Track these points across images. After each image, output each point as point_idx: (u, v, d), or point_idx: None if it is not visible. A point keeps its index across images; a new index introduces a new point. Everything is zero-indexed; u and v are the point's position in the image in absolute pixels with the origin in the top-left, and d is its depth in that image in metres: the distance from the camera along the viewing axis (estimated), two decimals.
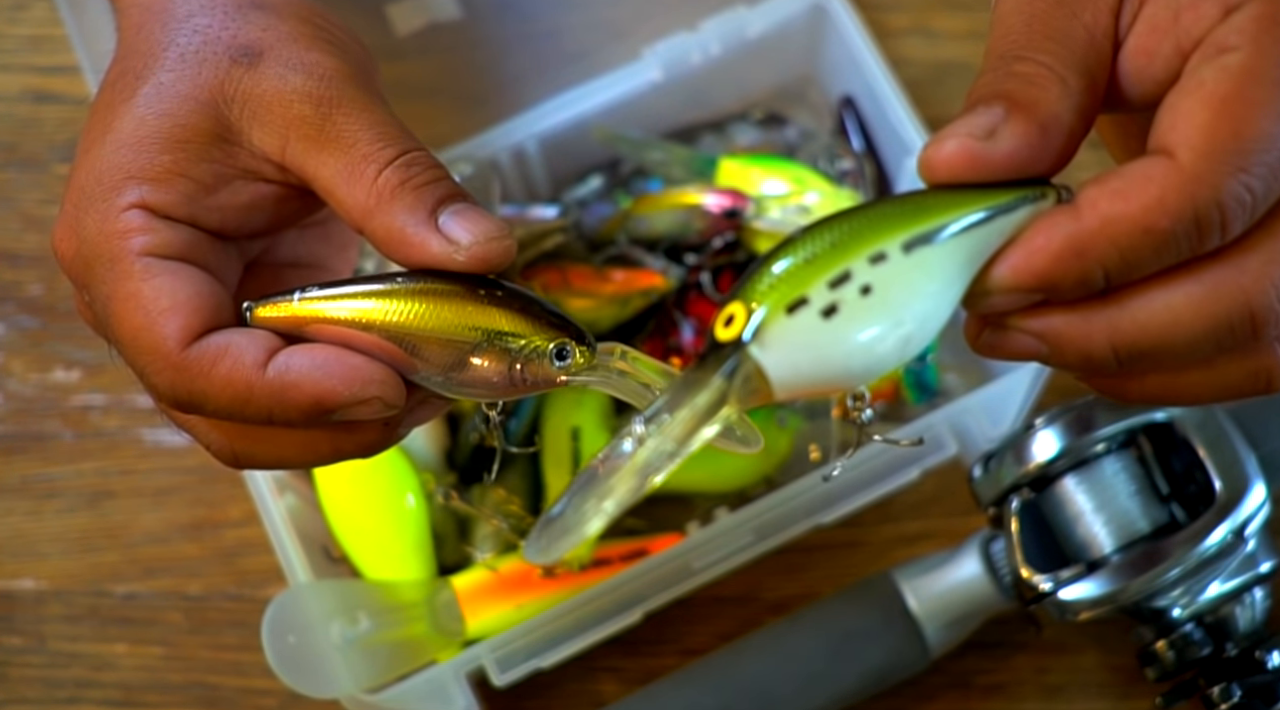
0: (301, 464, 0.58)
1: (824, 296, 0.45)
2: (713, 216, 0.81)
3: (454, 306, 0.54)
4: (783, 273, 0.45)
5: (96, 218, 0.55)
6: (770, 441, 0.81)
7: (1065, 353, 0.48)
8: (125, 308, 0.54)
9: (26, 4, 0.95)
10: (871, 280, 0.45)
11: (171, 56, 0.57)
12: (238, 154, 0.56)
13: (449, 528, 0.80)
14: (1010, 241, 0.47)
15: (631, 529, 0.82)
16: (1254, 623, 0.72)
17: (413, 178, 0.55)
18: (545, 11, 0.93)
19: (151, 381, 0.54)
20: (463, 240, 0.54)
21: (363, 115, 0.56)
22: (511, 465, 0.81)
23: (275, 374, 0.53)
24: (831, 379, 0.45)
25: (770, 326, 0.45)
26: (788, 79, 0.91)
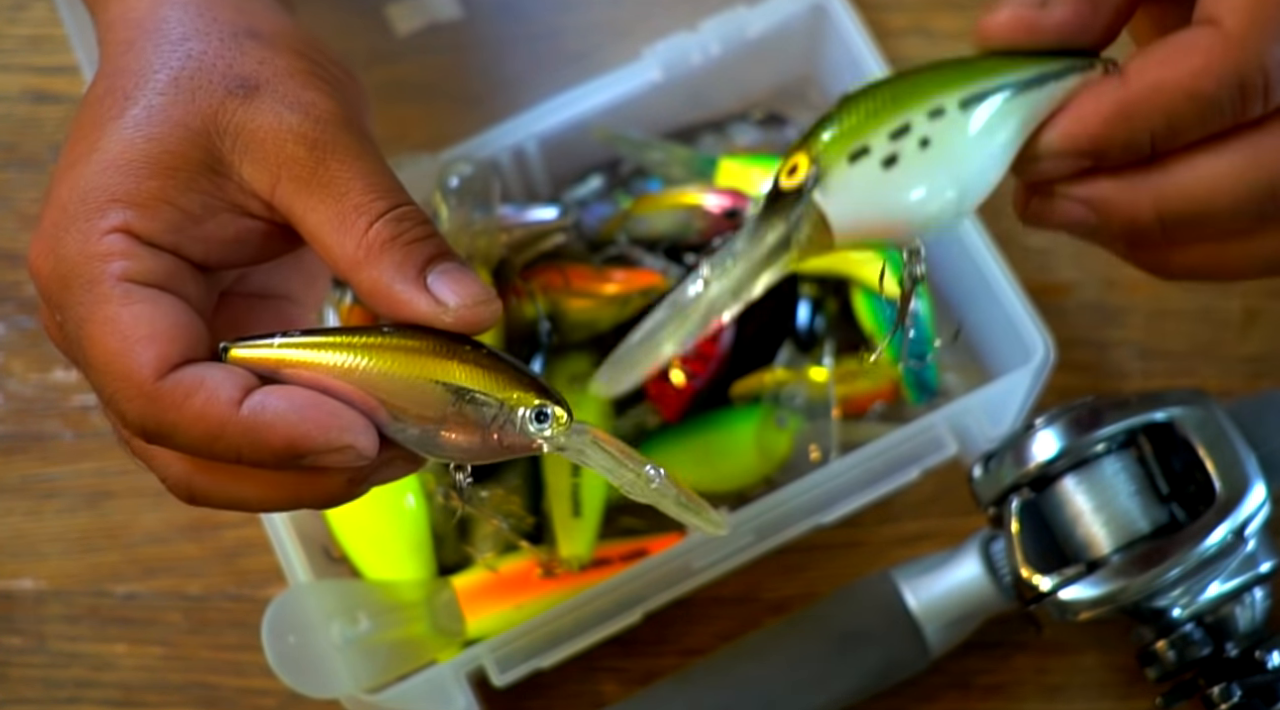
0: (258, 508, 0.57)
1: (885, 147, 0.47)
2: (713, 216, 0.81)
3: (436, 363, 0.54)
4: (845, 124, 0.47)
5: (77, 238, 0.54)
6: (770, 441, 0.81)
7: (1112, 220, 0.49)
8: (101, 331, 0.53)
9: (26, 4, 0.95)
10: (930, 133, 0.47)
11: (163, 79, 0.56)
12: (226, 187, 0.56)
13: (449, 528, 0.80)
14: (1060, 108, 0.48)
15: (631, 529, 0.82)
16: (1254, 623, 0.72)
17: (403, 234, 0.55)
18: (545, 11, 0.93)
19: (121, 408, 0.53)
20: (450, 302, 0.54)
21: (356, 163, 0.55)
22: (511, 465, 0.81)
23: (250, 413, 0.53)
24: (887, 227, 0.47)
25: (833, 174, 0.47)
26: (788, 79, 0.91)
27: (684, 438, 0.82)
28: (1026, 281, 0.81)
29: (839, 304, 0.84)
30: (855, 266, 0.81)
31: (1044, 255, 0.88)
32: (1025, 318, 0.79)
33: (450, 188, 0.80)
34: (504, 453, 0.55)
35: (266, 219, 0.56)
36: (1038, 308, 0.79)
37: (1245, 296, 0.87)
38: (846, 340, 0.84)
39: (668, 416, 0.82)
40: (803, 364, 0.82)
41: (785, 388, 0.82)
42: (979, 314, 0.84)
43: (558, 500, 0.79)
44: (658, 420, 0.82)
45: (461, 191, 0.81)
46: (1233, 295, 0.87)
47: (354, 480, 0.55)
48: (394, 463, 0.56)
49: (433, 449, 0.55)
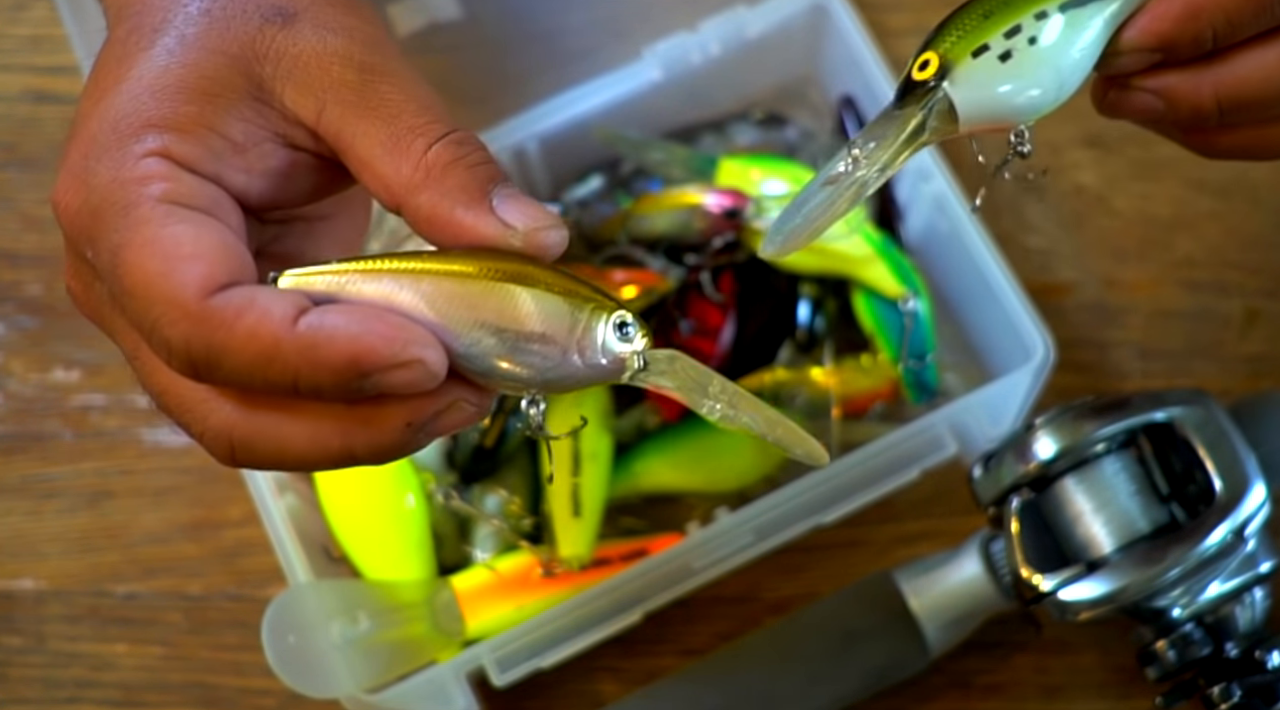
0: (304, 461, 0.51)
1: (1001, 44, 0.55)
2: (713, 216, 0.81)
3: (510, 275, 0.50)
4: (967, 24, 0.55)
5: (110, 164, 0.50)
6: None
7: (1178, 105, 0.56)
8: (140, 255, 0.49)
9: (26, 4, 0.95)
10: (1036, 32, 0.55)
11: (194, 11, 0.53)
12: (269, 114, 0.53)
13: (449, 528, 0.80)
14: (1137, 11, 0.56)
15: (631, 529, 0.82)
16: (1254, 623, 0.72)
17: (465, 156, 0.52)
18: (545, 11, 0.93)
19: (164, 335, 0.49)
20: (518, 225, 0.51)
21: (407, 86, 0.53)
22: (511, 465, 0.81)
23: (307, 328, 0.48)
24: (1005, 114, 0.55)
25: (959, 67, 0.54)
26: (788, 79, 0.91)
27: (684, 437, 0.82)
28: (1026, 281, 0.81)
29: (839, 304, 0.84)
30: (855, 266, 0.81)
31: (1044, 255, 0.88)
32: (1025, 318, 0.79)
33: None
34: (586, 376, 0.51)
35: (312, 151, 0.54)
36: (1038, 308, 0.79)
37: (1245, 296, 0.87)
38: (846, 340, 0.84)
39: (668, 416, 0.82)
40: (803, 364, 0.83)
41: (785, 388, 0.82)
42: (979, 314, 0.84)
43: (558, 500, 0.79)
44: (658, 420, 0.82)
45: None
46: (1233, 295, 0.87)
47: (413, 422, 0.50)
48: (458, 405, 0.51)
49: (507, 377, 0.50)
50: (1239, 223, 0.89)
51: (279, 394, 0.50)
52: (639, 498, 0.83)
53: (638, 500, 0.83)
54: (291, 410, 0.50)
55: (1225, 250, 0.88)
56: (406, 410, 0.50)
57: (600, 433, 0.81)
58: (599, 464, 0.80)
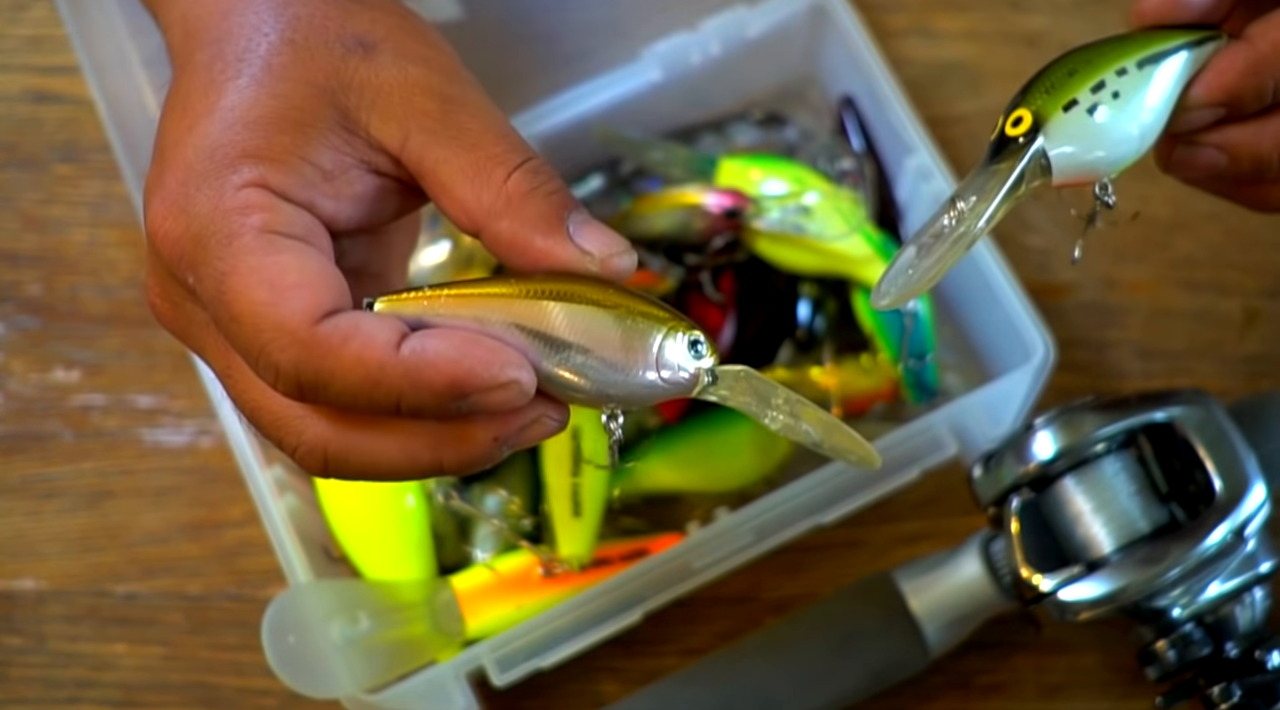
0: (395, 473, 0.54)
1: (1088, 98, 0.58)
2: (713, 216, 0.81)
3: (589, 298, 0.54)
4: (1055, 82, 0.58)
5: (211, 194, 0.52)
6: (770, 442, 0.81)
7: (1241, 159, 0.60)
8: (246, 282, 0.51)
9: (26, 4, 0.95)
10: (1119, 87, 0.58)
11: (276, 40, 0.55)
12: (355, 143, 0.55)
13: (449, 528, 0.80)
14: (1202, 69, 0.59)
15: (631, 529, 0.82)
16: (1254, 623, 0.72)
17: (543, 185, 0.54)
18: (545, 11, 0.93)
19: (273, 359, 0.51)
20: (595, 251, 0.54)
21: (484, 116, 0.55)
22: (511, 465, 0.81)
23: (411, 353, 0.51)
24: (1093, 166, 0.58)
25: (1051, 121, 0.57)
26: (788, 79, 0.91)
27: (684, 438, 0.82)
28: (1026, 281, 0.81)
29: (839, 304, 0.84)
30: (855, 266, 0.81)
31: (1044, 255, 0.88)
32: (1025, 318, 0.79)
33: None
34: (662, 391, 0.54)
35: (394, 176, 0.56)
36: (1038, 308, 0.79)
37: (1245, 296, 0.87)
38: (846, 340, 0.84)
39: (668, 416, 0.82)
40: (803, 364, 0.83)
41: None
42: (979, 314, 0.84)
43: (558, 500, 0.79)
44: (658, 420, 0.82)
45: None
46: (1233, 295, 0.87)
47: (500, 438, 0.53)
48: (541, 420, 0.54)
49: (588, 393, 0.54)
50: (1239, 223, 0.89)
51: (381, 414, 0.52)
52: (639, 498, 0.83)
53: (638, 500, 0.83)
54: (386, 427, 0.53)
55: (1225, 250, 0.88)
56: (495, 426, 0.53)
57: (600, 432, 0.81)
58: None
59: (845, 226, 0.81)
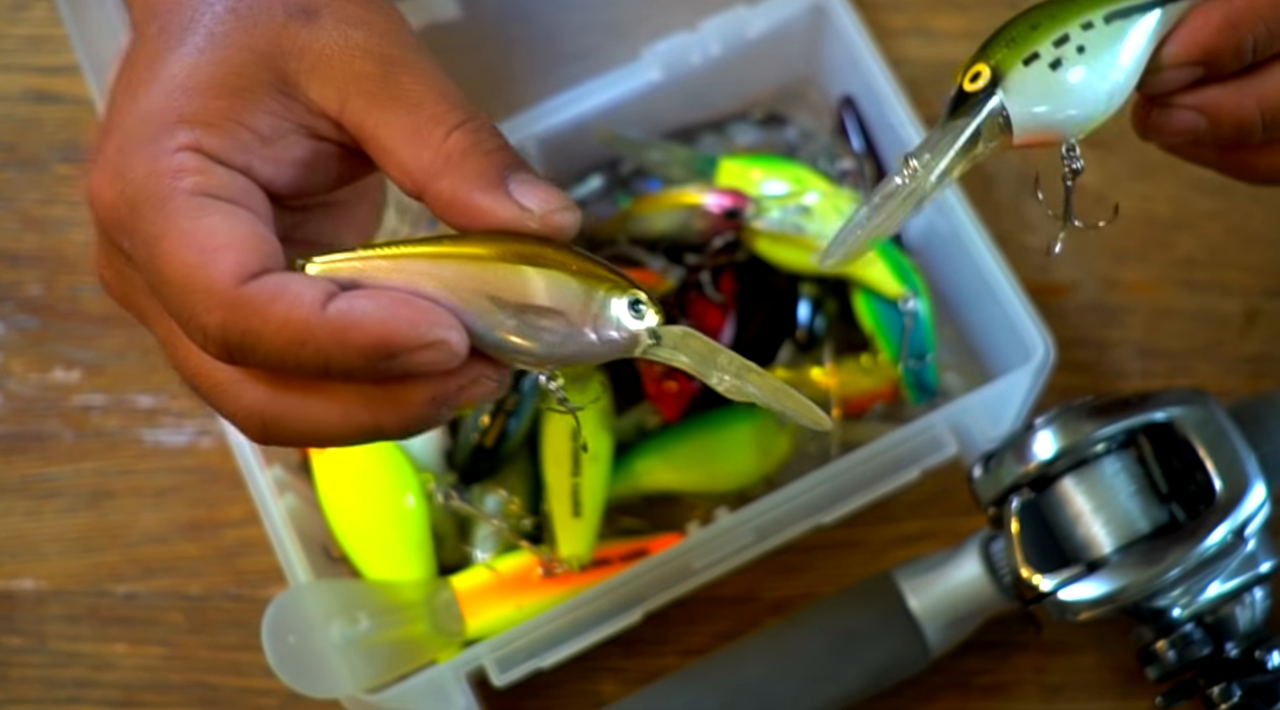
0: (335, 437, 0.54)
1: (1050, 52, 0.55)
2: (713, 216, 0.81)
3: (527, 257, 0.53)
4: (1016, 35, 0.55)
5: (146, 158, 0.53)
6: (770, 441, 0.81)
7: (1222, 121, 0.57)
8: (177, 245, 0.52)
9: (26, 4, 0.95)
10: (1084, 41, 0.55)
11: (220, 10, 0.55)
12: (294, 107, 0.55)
13: (449, 528, 0.80)
14: (1175, 26, 0.56)
15: (631, 529, 0.82)
16: (1254, 623, 0.72)
17: (482, 143, 0.54)
18: (545, 12, 0.93)
19: (200, 322, 0.51)
20: (535, 208, 0.54)
21: (426, 76, 0.55)
22: (511, 465, 0.81)
23: (336, 313, 0.51)
24: (1056, 123, 0.55)
25: (1011, 75, 0.55)
26: (788, 79, 0.91)
27: (684, 438, 0.82)
28: (1026, 281, 0.81)
29: (839, 304, 0.84)
30: (855, 266, 0.81)
31: (1044, 255, 0.88)
32: (1025, 318, 0.79)
33: None
34: (600, 351, 0.54)
35: (335, 140, 0.56)
36: (1038, 308, 0.79)
37: (1245, 296, 0.87)
38: (846, 340, 0.84)
39: (668, 416, 0.82)
40: (803, 364, 0.83)
41: None
42: (979, 314, 0.84)
43: (558, 500, 0.79)
44: (658, 420, 0.82)
45: None
46: (1233, 295, 0.87)
47: (438, 398, 0.53)
48: (480, 381, 0.54)
49: (525, 354, 0.53)
50: (1239, 222, 0.89)
51: (310, 375, 0.52)
52: (639, 498, 0.83)
53: (638, 500, 0.83)
54: (321, 390, 0.53)
55: (1225, 250, 0.88)
56: (431, 387, 0.53)
57: (600, 433, 0.81)
58: (599, 464, 0.80)
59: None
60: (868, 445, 0.78)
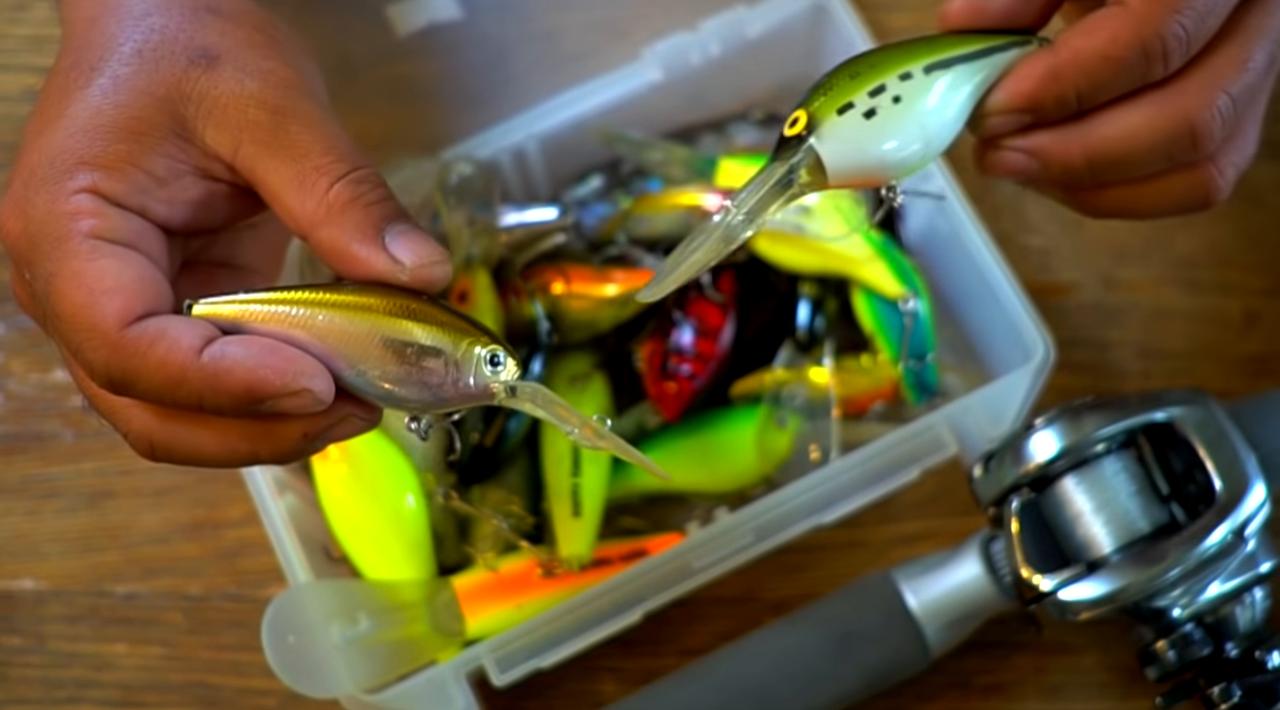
0: (216, 461, 0.58)
1: (865, 102, 0.57)
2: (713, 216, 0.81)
3: (393, 313, 0.56)
4: (834, 85, 0.58)
5: (46, 198, 0.56)
6: (770, 441, 0.81)
7: (1050, 165, 0.59)
8: (69, 286, 0.55)
9: (26, 4, 0.95)
10: (901, 92, 0.57)
11: (127, 51, 0.59)
12: (190, 151, 0.58)
13: (449, 528, 0.80)
14: (1003, 75, 0.59)
15: (631, 529, 0.82)
16: (1254, 623, 0.72)
17: (363, 196, 0.57)
18: (545, 11, 0.93)
19: (87, 358, 0.55)
20: (406, 260, 0.57)
21: (315, 127, 0.58)
22: (512, 465, 0.81)
23: (210, 359, 0.55)
24: (871, 168, 0.58)
25: (824, 123, 0.57)
26: (788, 79, 0.91)
27: (684, 438, 0.82)
28: (1026, 281, 0.81)
29: (839, 304, 0.84)
30: (855, 266, 0.81)
31: (1044, 255, 0.88)
32: (1025, 318, 0.79)
33: (450, 187, 0.81)
34: (460, 400, 0.57)
35: (229, 182, 0.59)
36: (1038, 308, 0.79)
37: (1245, 296, 0.87)
38: (846, 340, 0.84)
39: (668, 416, 0.82)
40: (803, 364, 0.82)
41: (785, 388, 0.82)
42: (979, 314, 0.84)
43: (558, 500, 0.79)
44: (658, 420, 0.82)
45: (461, 191, 0.81)
46: (1233, 295, 0.87)
47: (309, 434, 0.57)
48: (350, 419, 0.57)
49: (391, 399, 0.57)
50: (1239, 222, 0.89)
51: (188, 410, 0.56)
52: (639, 498, 0.83)
53: (638, 500, 0.83)
54: (203, 421, 0.57)
55: (1226, 250, 0.88)
56: (303, 424, 0.57)
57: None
58: (599, 464, 0.80)
59: (845, 226, 0.81)
60: (868, 445, 0.78)
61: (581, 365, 0.82)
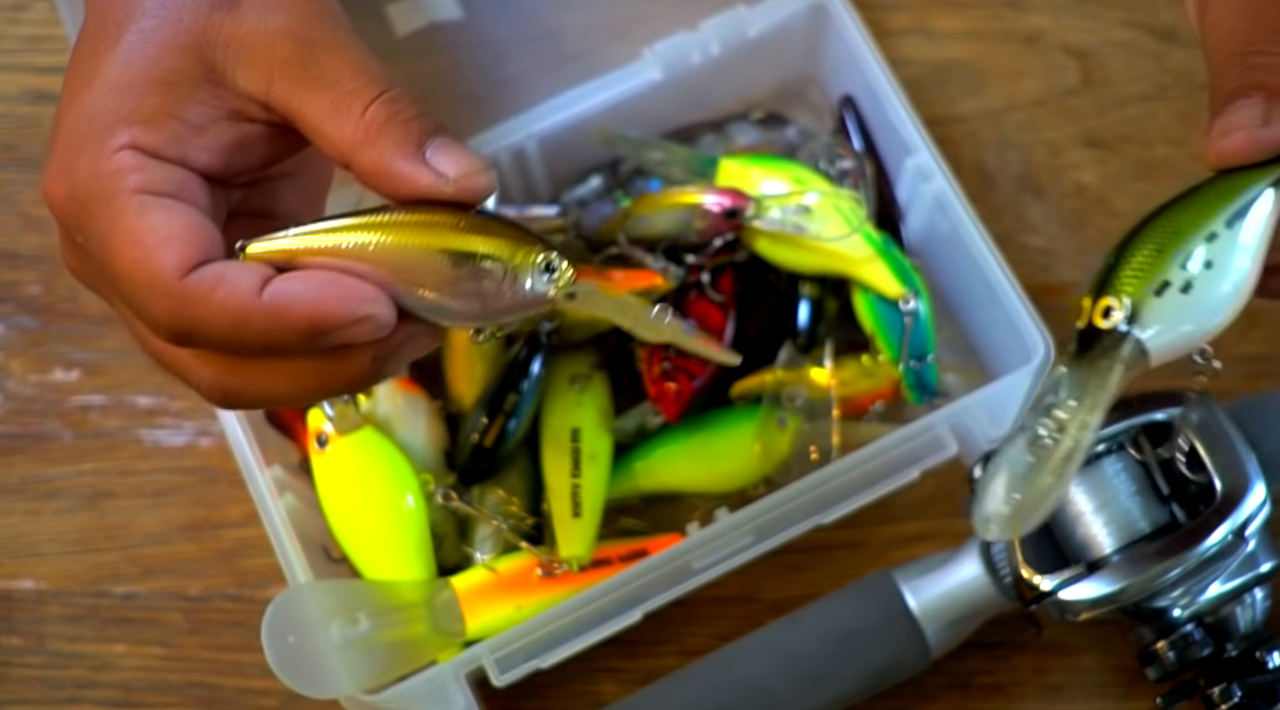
0: (291, 398, 0.59)
1: (1180, 276, 0.55)
2: (713, 216, 0.81)
3: (445, 230, 0.57)
4: (1143, 261, 0.55)
5: (89, 160, 0.56)
6: (770, 441, 0.81)
7: None
8: (122, 243, 0.56)
9: (26, 4, 0.95)
10: (1211, 256, 0.55)
11: (151, 5, 0.59)
12: (223, 95, 0.58)
13: (449, 528, 0.80)
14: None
15: (631, 529, 0.82)
16: (1254, 623, 0.72)
17: (399, 113, 0.58)
18: (545, 11, 0.93)
19: (150, 312, 0.56)
20: (449, 173, 0.57)
21: (344, 53, 0.58)
22: (511, 465, 0.81)
23: (271, 298, 0.55)
24: (1194, 340, 0.56)
25: (1145, 309, 0.54)
26: (788, 79, 0.91)
27: (684, 438, 0.82)
28: (1026, 281, 0.81)
29: (839, 304, 0.84)
30: (855, 266, 0.81)
31: (1044, 255, 0.88)
32: (1025, 318, 0.79)
33: None
34: (518, 308, 0.58)
35: (265, 121, 0.59)
36: (1038, 308, 0.79)
37: None
38: (846, 340, 0.84)
39: (669, 416, 0.82)
40: (803, 364, 0.82)
41: (785, 388, 0.82)
42: (979, 314, 0.84)
43: (558, 500, 0.79)
44: (658, 420, 0.82)
45: None
46: None
47: (379, 357, 0.57)
48: (416, 337, 0.58)
49: (450, 314, 0.57)
50: None
51: (255, 353, 0.57)
52: (639, 498, 0.83)
53: (638, 500, 0.83)
54: (272, 362, 0.57)
55: None
56: (371, 349, 0.57)
57: (600, 433, 0.81)
58: (599, 464, 0.80)
59: (845, 226, 0.81)
60: (868, 445, 0.78)
61: (581, 365, 0.82)
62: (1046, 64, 0.92)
